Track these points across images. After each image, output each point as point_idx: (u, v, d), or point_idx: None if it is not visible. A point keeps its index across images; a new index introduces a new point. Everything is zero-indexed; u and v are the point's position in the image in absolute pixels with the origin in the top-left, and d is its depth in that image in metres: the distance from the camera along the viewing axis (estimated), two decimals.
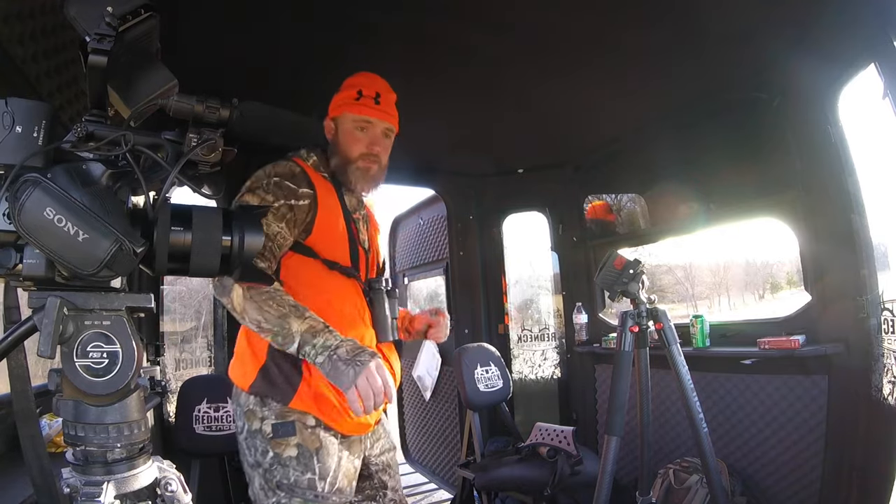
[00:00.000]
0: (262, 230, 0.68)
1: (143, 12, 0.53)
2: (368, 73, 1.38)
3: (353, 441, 1.28)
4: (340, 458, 1.23)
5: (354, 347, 1.10)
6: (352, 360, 1.08)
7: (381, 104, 1.33)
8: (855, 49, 1.64)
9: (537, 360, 3.30)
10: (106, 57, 0.52)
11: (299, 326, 1.11)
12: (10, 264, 0.55)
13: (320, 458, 1.19)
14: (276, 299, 1.13)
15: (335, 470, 1.21)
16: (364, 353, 1.10)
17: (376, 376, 1.07)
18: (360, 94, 1.33)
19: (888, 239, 1.80)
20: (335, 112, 1.36)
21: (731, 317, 7.32)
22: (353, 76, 1.38)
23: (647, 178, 2.65)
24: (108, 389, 0.58)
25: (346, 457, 1.25)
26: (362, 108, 1.32)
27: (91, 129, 0.57)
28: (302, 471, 1.18)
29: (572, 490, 2.32)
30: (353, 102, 1.33)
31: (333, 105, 1.37)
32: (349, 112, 1.33)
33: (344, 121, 1.34)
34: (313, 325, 1.11)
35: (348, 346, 1.10)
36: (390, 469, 1.40)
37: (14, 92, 0.57)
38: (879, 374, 1.69)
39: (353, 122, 1.33)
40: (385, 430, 1.43)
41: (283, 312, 1.12)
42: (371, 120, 1.33)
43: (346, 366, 1.07)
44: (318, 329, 1.11)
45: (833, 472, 1.88)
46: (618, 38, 1.80)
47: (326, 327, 1.13)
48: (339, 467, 1.22)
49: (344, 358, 1.08)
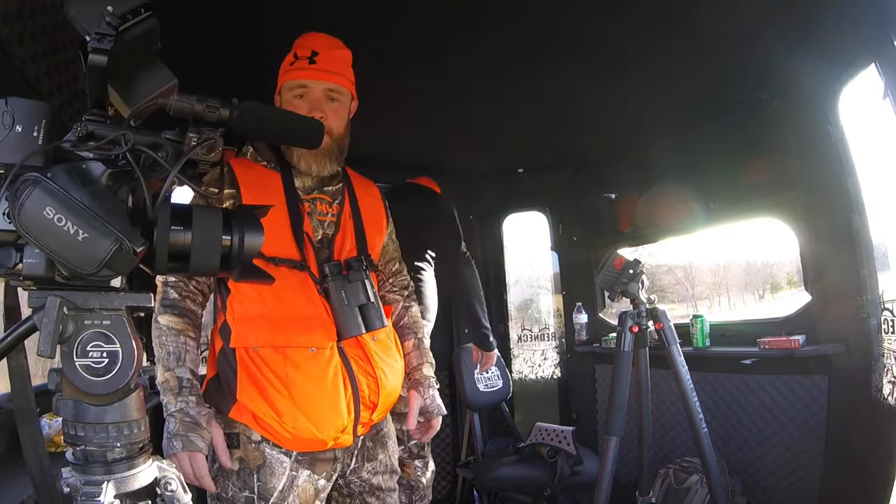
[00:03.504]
0: (263, 230, 0.67)
1: (144, 11, 0.53)
2: (312, 32, 1.23)
3: (320, 459, 1.13)
4: (294, 478, 1.10)
5: (182, 426, 1.02)
6: (170, 439, 1.02)
7: (317, 62, 1.17)
8: (855, 49, 1.64)
9: (537, 360, 3.30)
10: (106, 56, 0.52)
11: (160, 377, 1.06)
12: (10, 264, 0.55)
13: (261, 477, 1.08)
14: (161, 339, 1.08)
15: (282, 491, 1.09)
16: (181, 439, 1.01)
17: (186, 465, 1.01)
18: (296, 56, 1.19)
19: (888, 239, 1.80)
20: (279, 83, 1.22)
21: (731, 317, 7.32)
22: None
23: (648, 178, 2.65)
24: (107, 389, 0.58)
25: (306, 476, 1.12)
26: (296, 70, 1.18)
27: (91, 128, 0.57)
28: (240, 487, 1.09)
29: (572, 490, 2.32)
30: (290, 67, 1.19)
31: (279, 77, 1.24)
32: (287, 79, 1.19)
33: (284, 90, 1.20)
34: (168, 380, 1.06)
35: (178, 422, 1.03)
36: (381, 493, 1.23)
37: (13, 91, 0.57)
38: (879, 374, 1.69)
39: (291, 89, 1.19)
40: (386, 449, 1.26)
41: (159, 356, 1.07)
42: (306, 83, 1.17)
43: (166, 440, 1.03)
44: (169, 387, 1.05)
45: (833, 472, 1.88)
46: (618, 38, 1.79)
47: (179, 388, 1.05)
48: (291, 488, 1.10)
49: (168, 430, 1.03)
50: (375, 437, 1.24)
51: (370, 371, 1.16)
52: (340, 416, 1.10)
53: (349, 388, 1.12)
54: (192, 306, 1.14)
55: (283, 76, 1.21)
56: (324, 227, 1.21)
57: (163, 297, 1.11)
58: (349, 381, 1.12)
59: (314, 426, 1.08)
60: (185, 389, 1.06)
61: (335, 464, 1.16)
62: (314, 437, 1.09)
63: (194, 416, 1.04)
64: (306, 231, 1.16)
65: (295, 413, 1.07)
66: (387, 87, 1.26)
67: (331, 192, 1.24)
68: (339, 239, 1.20)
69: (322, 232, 1.20)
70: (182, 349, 1.09)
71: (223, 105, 0.62)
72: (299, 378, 1.08)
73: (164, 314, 1.10)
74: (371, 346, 1.18)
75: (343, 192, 1.25)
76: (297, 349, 1.10)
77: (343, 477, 1.20)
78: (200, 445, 1.03)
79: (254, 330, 1.10)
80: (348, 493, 1.23)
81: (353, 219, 1.24)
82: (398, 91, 1.38)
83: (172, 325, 1.10)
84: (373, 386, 1.15)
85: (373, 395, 1.16)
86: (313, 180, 1.22)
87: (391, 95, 1.29)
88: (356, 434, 1.16)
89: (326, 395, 1.09)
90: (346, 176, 1.29)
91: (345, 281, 1.12)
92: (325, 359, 1.11)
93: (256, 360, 1.09)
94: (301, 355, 1.10)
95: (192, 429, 1.03)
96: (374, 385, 1.16)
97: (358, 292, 1.12)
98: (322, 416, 1.09)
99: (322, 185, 1.24)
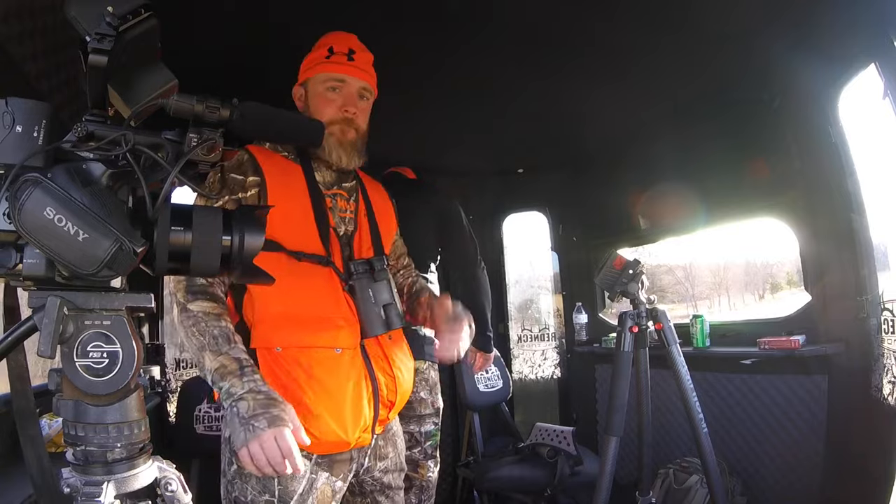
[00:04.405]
0: (263, 230, 0.67)
1: (144, 12, 0.53)
2: (337, 32, 1.23)
3: (338, 460, 1.11)
4: (314, 481, 1.08)
5: (258, 404, 0.95)
6: (247, 421, 0.93)
7: (355, 60, 1.18)
8: (855, 49, 1.64)
9: (537, 360, 3.30)
10: (106, 57, 0.52)
11: (211, 364, 0.98)
12: (10, 264, 0.55)
13: (282, 481, 1.04)
14: (199, 326, 1.01)
15: (302, 494, 1.06)
16: (264, 417, 0.94)
17: (273, 446, 0.92)
18: (330, 51, 1.18)
19: (888, 239, 1.81)
20: (305, 75, 1.20)
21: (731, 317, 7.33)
22: (322, 37, 1.23)
23: (648, 177, 2.65)
24: (108, 389, 0.58)
25: (325, 478, 1.09)
26: (334, 65, 1.17)
27: (91, 128, 0.57)
28: (260, 491, 1.05)
29: (572, 490, 2.32)
30: (324, 61, 1.17)
31: (303, 68, 1.22)
32: (320, 71, 1.18)
33: (314, 82, 1.19)
34: (225, 364, 0.98)
35: (252, 402, 0.95)
36: (390, 491, 1.22)
37: (13, 91, 0.56)
38: (879, 374, 1.69)
39: (324, 82, 1.18)
40: (395, 448, 1.24)
41: (202, 343, 1.00)
42: (345, 78, 1.17)
43: (241, 426, 0.94)
44: (228, 371, 0.98)
45: (833, 472, 1.89)
46: (618, 38, 1.80)
47: (241, 369, 0.98)
48: (311, 491, 1.07)
49: (241, 415, 0.94)
50: (386, 435, 1.23)
51: (388, 370, 1.14)
52: (364, 416, 1.09)
53: (370, 386, 1.11)
54: (219, 292, 1.08)
55: (314, 68, 1.19)
56: (345, 223, 1.19)
57: (188, 284, 1.04)
58: (370, 379, 1.11)
59: (340, 428, 1.06)
60: (247, 369, 0.99)
61: (351, 464, 1.14)
62: (340, 438, 1.06)
63: (268, 392, 0.97)
64: (332, 226, 1.15)
65: (321, 415, 1.04)
66: (387, 88, 1.26)
67: (347, 189, 1.22)
68: (357, 237, 1.19)
69: (344, 228, 1.19)
70: (227, 332, 1.02)
71: (223, 105, 0.61)
72: (325, 379, 1.06)
73: (194, 301, 1.03)
74: (389, 345, 1.16)
75: (357, 190, 1.24)
76: (322, 350, 1.07)
77: (356, 477, 1.18)
78: (286, 419, 0.96)
79: (276, 330, 1.06)
80: (360, 492, 1.21)
81: (368, 217, 1.23)
82: (398, 91, 1.38)
83: (209, 309, 1.03)
84: (391, 385, 1.14)
85: (391, 394, 1.14)
86: (332, 175, 1.20)
87: (391, 95, 1.29)
88: (374, 433, 1.14)
89: (351, 396, 1.07)
90: (357, 175, 1.28)
91: (371, 279, 1.11)
92: (350, 359, 1.09)
93: (280, 361, 1.05)
94: (326, 356, 1.07)
95: (272, 404, 0.96)
96: (392, 384, 1.14)
97: (383, 291, 1.12)
98: (348, 418, 1.07)
99: (340, 181, 1.22)
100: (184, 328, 1.02)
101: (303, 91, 1.21)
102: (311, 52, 1.22)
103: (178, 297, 1.04)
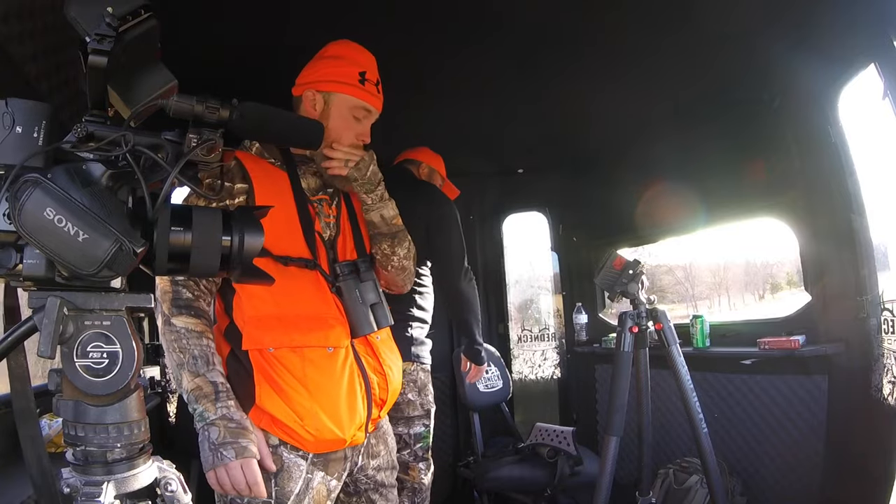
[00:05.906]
0: (263, 230, 0.67)
1: (143, 13, 0.53)
2: (362, 48, 1.22)
3: (332, 459, 1.12)
4: (310, 481, 1.08)
5: (229, 433, 0.97)
6: (217, 448, 0.96)
7: (378, 90, 1.20)
8: (855, 49, 1.64)
9: (537, 360, 3.30)
10: (106, 57, 0.52)
11: (188, 384, 0.99)
12: (10, 264, 0.55)
13: (279, 482, 1.05)
14: (181, 343, 1.02)
15: (298, 495, 1.07)
16: (233, 447, 0.96)
17: (238, 475, 0.95)
18: (362, 76, 1.18)
19: (888, 239, 1.81)
20: (330, 87, 1.18)
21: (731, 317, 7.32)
22: (343, 45, 1.21)
23: (648, 177, 2.65)
24: (108, 389, 0.58)
25: (321, 478, 1.10)
26: (368, 94, 1.18)
27: (91, 129, 0.57)
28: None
29: (572, 490, 2.33)
30: (357, 86, 1.17)
31: (324, 75, 1.19)
32: (351, 94, 1.17)
33: (341, 101, 1.18)
34: (201, 386, 0.99)
35: (223, 429, 0.97)
36: (384, 489, 1.23)
37: (13, 91, 0.56)
38: (879, 374, 1.69)
39: (354, 108, 1.18)
40: (387, 445, 1.26)
41: (182, 361, 1.01)
42: (371, 109, 1.20)
43: (211, 451, 0.96)
44: (203, 394, 0.99)
45: (833, 472, 1.89)
46: (618, 38, 1.80)
47: (216, 394, 0.99)
48: (307, 491, 1.08)
49: (211, 440, 0.96)
50: (377, 433, 1.24)
51: (379, 368, 1.16)
52: (358, 414, 1.10)
53: (363, 385, 1.12)
54: (205, 307, 1.09)
55: (343, 87, 1.17)
56: (329, 227, 1.21)
57: (174, 297, 1.05)
58: (362, 378, 1.13)
59: (336, 426, 1.07)
60: (221, 394, 1.00)
61: (346, 463, 1.15)
62: (336, 437, 1.08)
63: (240, 421, 1.00)
64: (318, 230, 1.16)
65: (317, 414, 1.05)
66: (387, 88, 1.26)
67: (330, 194, 1.24)
68: (340, 240, 1.21)
69: (329, 233, 1.21)
70: (207, 352, 1.03)
71: (223, 106, 0.61)
72: (319, 378, 1.07)
73: (178, 316, 1.04)
74: (378, 344, 1.18)
75: (339, 195, 1.26)
76: (315, 349, 1.08)
77: (351, 475, 1.19)
78: (254, 450, 0.99)
79: (267, 331, 1.07)
80: (354, 490, 1.22)
81: (350, 221, 1.25)
82: (399, 91, 1.38)
83: (192, 326, 1.04)
84: (382, 383, 1.17)
85: (382, 392, 1.17)
86: (316, 182, 1.22)
87: (392, 96, 1.29)
88: (367, 431, 1.16)
89: (345, 394, 1.09)
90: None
91: (357, 280, 1.14)
92: (342, 358, 1.11)
93: (272, 361, 1.06)
94: (318, 355, 1.08)
95: (241, 434, 0.98)
96: (383, 382, 1.17)
97: (370, 291, 1.15)
98: (343, 416, 1.08)
99: (325, 186, 1.23)
100: (166, 341, 1.04)
101: (322, 101, 1.19)
102: (336, 62, 1.19)
103: (163, 308, 1.05)
